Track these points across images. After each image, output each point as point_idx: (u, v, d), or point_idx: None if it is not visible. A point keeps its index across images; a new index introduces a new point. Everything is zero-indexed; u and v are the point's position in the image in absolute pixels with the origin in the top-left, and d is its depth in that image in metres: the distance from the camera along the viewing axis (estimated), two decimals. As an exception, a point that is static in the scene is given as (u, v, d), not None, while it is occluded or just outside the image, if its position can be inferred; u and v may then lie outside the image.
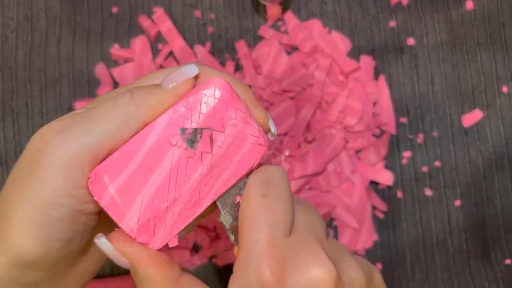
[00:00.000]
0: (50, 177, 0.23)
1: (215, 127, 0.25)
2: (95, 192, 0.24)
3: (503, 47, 0.48)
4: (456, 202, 0.47)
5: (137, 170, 0.24)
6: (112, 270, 0.46)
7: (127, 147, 0.24)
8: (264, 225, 0.23)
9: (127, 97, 0.24)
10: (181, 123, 0.25)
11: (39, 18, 0.48)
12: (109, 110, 0.24)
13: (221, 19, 0.49)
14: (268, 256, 0.22)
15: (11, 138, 0.47)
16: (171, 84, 0.25)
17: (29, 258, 0.24)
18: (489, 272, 0.46)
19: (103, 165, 0.24)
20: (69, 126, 0.24)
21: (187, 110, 0.25)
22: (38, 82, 0.48)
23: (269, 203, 0.23)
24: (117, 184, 0.24)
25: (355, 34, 0.49)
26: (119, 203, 0.24)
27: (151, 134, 0.24)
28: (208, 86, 0.25)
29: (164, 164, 0.24)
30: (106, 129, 0.24)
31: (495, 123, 0.48)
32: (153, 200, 0.25)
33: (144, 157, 0.24)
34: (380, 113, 0.47)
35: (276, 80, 0.46)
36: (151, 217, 0.25)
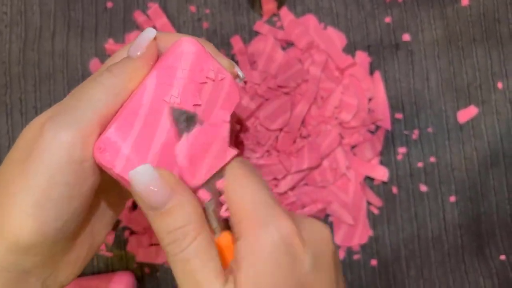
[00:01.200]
0: (47, 158, 0.24)
1: (198, 79, 0.28)
2: (106, 161, 0.25)
3: (498, 43, 0.48)
4: (451, 198, 0.47)
5: (141, 132, 0.26)
6: (107, 266, 0.46)
7: (125, 114, 0.26)
8: (265, 191, 0.26)
9: (106, 73, 0.27)
10: (169, 80, 0.27)
11: (33, 13, 0.48)
12: (93, 88, 0.26)
13: (216, 15, 0.49)
14: (283, 213, 0.25)
15: (4, 134, 0.47)
16: (137, 52, 0.27)
17: (27, 241, 0.24)
18: (484, 268, 0.46)
19: (108, 134, 0.25)
20: (59, 110, 0.26)
21: (171, 68, 0.27)
22: (32, 77, 0.47)
23: (254, 176, 0.27)
24: (127, 148, 0.26)
25: (351, 30, 0.49)
26: (133, 165, 0.25)
27: (144, 97, 0.26)
28: (182, 45, 0.28)
29: (163, 121, 0.26)
30: (92, 105, 0.25)
31: (490, 119, 0.48)
32: (162, 155, 0.26)
33: (144, 118, 0.26)
34: (376, 109, 0.47)
35: (272, 75, 0.46)
36: (164, 162, 0.26)
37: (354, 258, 0.47)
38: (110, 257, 0.46)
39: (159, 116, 0.26)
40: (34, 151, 0.25)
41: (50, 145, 0.24)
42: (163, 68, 0.27)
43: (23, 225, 0.24)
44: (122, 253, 0.46)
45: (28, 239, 0.24)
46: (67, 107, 0.26)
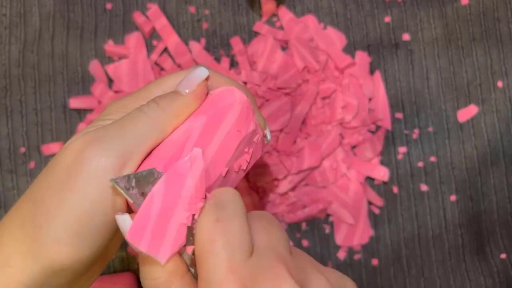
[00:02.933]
0: (88, 187, 0.24)
1: (238, 136, 0.28)
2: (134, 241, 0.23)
3: (498, 42, 0.48)
4: (451, 197, 0.47)
5: (163, 206, 0.24)
6: (109, 268, 0.46)
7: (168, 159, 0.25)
8: (221, 250, 0.22)
9: (154, 106, 0.26)
10: (212, 131, 0.27)
11: (32, 14, 0.48)
12: (138, 119, 0.25)
13: (215, 15, 0.49)
14: (228, 282, 0.21)
15: (5, 136, 0.47)
16: (187, 89, 0.27)
17: (61, 266, 0.24)
18: (485, 266, 0.46)
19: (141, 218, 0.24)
20: (102, 136, 0.25)
21: (216, 119, 0.27)
22: (32, 79, 0.47)
23: (223, 227, 0.22)
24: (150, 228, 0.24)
25: (350, 30, 0.49)
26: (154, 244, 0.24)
27: (189, 142, 0.26)
28: (233, 98, 0.28)
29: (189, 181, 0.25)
30: (138, 137, 0.25)
31: (490, 118, 0.48)
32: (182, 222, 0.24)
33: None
34: (376, 108, 0.47)
35: (272, 76, 0.46)
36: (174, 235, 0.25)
37: (355, 258, 0.47)
38: (111, 259, 0.46)
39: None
40: (74, 177, 0.24)
41: (92, 173, 0.24)
42: (212, 115, 0.27)
43: (61, 251, 0.24)
44: (123, 254, 0.46)
45: (64, 264, 0.24)
46: (112, 135, 0.25)
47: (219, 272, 0.21)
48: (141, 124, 0.25)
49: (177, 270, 0.24)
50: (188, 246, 0.24)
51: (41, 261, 0.24)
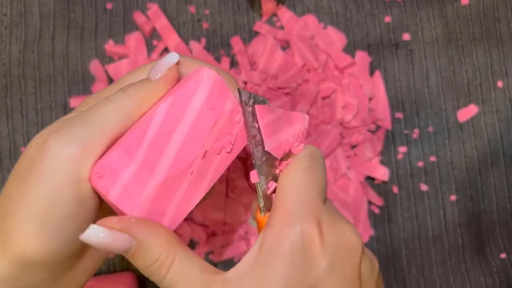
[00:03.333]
0: (51, 175, 0.24)
1: (212, 114, 0.27)
2: (102, 187, 0.24)
3: (498, 42, 0.48)
4: (451, 197, 0.47)
5: (143, 160, 0.25)
6: (109, 267, 0.46)
7: (129, 140, 0.25)
8: (311, 190, 0.26)
9: (120, 93, 0.26)
10: (180, 111, 0.26)
11: (33, 14, 0.48)
12: (105, 107, 0.25)
13: (216, 15, 0.49)
14: (314, 215, 0.26)
15: (5, 136, 0.47)
16: (157, 75, 0.27)
17: (31, 258, 0.24)
18: (485, 266, 0.46)
19: (108, 159, 0.24)
20: (66, 125, 0.25)
21: (184, 99, 0.26)
22: (32, 79, 0.47)
23: (314, 173, 0.27)
24: (124, 178, 0.25)
25: (351, 30, 0.49)
26: (128, 197, 0.25)
27: (152, 124, 0.25)
28: (200, 75, 0.27)
29: (169, 151, 0.26)
30: (102, 124, 0.25)
31: (490, 118, 0.48)
32: (162, 187, 0.26)
33: (148, 147, 0.25)
34: (376, 108, 0.47)
35: (272, 75, 0.46)
36: (158, 208, 0.26)
37: (355, 257, 0.47)
38: (111, 258, 0.46)
39: (164, 146, 0.26)
40: (37, 166, 0.24)
41: (53, 162, 0.24)
42: (178, 95, 0.26)
43: (27, 242, 0.24)
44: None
45: (32, 256, 0.24)
46: (75, 123, 0.25)
47: (305, 207, 0.26)
48: (105, 111, 0.25)
49: (174, 238, 0.25)
50: (270, 182, 0.28)
51: (9, 254, 0.24)
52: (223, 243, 0.46)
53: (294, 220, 0.25)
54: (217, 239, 0.46)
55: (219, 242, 0.46)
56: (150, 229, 0.25)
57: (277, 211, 0.26)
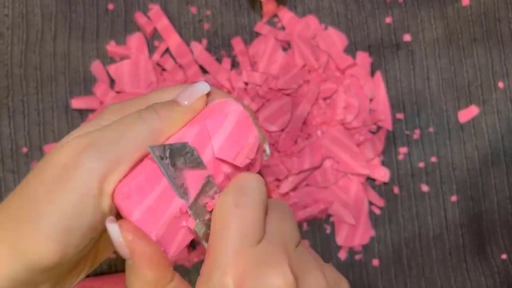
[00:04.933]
0: (79, 188, 0.24)
1: (232, 146, 0.27)
2: (126, 207, 0.25)
3: (499, 42, 0.48)
4: (452, 197, 0.47)
5: (166, 187, 0.25)
6: (110, 267, 0.46)
7: (151, 163, 0.25)
8: (233, 234, 0.24)
9: (152, 113, 0.26)
10: (205, 140, 0.27)
11: (34, 15, 0.48)
12: (136, 124, 0.26)
13: (217, 16, 0.49)
14: (233, 265, 0.23)
15: (7, 136, 0.47)
16: (187, 101, 0.27)
17: (46, 263, 0.24)
18: (485, 267, 0.46)
19: (136, 182, 0.25)
20: (97, 139, 0.25)
21: (211, 129, 0.27)
22: (34, 79, 0.47)
23: (240, 213, 0.24)
24: (149, 201, 0.25)
25: (351, 30, 0.49)
26: (149, 219, 0.25)
27: None
28: (229, 109, 0.28)
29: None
30: (133, 142, 0.25)
31: (491, 119, 0.48)
32: (175, 217, 0.26)
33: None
34: (377, 109, 0.47)
35: (273, 76, 0.46)
36: (172, 231, 0.26)
37: (356, 258, 0.47)
38: (113, 259, 0.46)
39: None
40: (67, 177, 0.24)
41: (85, 175, 0.24)
42: (205, 124, 0.27)
43: (46, 248, 0.24)
44: (125, 254, 0.46)
45: (48, 261, 0.24)
46: (108, 138, 0.25)
47: (225, 255, 0.23)
48: (137, 130, 0.26)
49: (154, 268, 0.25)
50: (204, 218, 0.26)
51: (26, 256, 0.24)
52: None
53: (214, 269, 0.24)
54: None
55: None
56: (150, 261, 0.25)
57: (206, 257, 0.25)
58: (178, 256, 0.28)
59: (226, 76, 0.47)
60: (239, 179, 0.26)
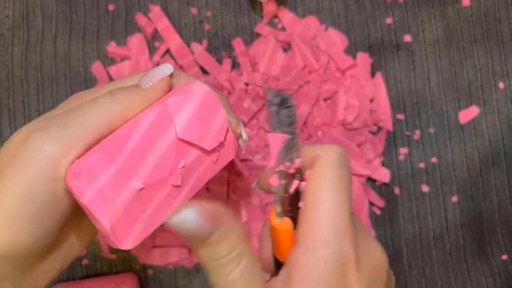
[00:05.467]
0: (28, 172, 0.24)
1: (200, 127, 0.26)
2: (77, 187, 0.24)
3: (499, 43, 0.48)
4: (453, 198, 0.47)
5: (122, 167, 0.25)
6: (111, 268, 0.46)
7: (111, 144, 0.25)
8: (343, 206, 0.25)
9: (108, 97, 0.26)
10: (167, 121, 0.26)
11: (35, 16, 0.48)
12: (90, 108, 0.25)
13: (217, 16, 0.49)
14: (350, 235, 0.24)
15: (7, 137, 0.47)
16: (148, 83, 0.26)
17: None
18: (486, 267, 0.47)
19: (87, 161, 0.24)
20: (47, 123, 0.25)
21: (172, 108, 0.26)
22: (35, 80, 0.47)
23: (344, 185, 0.25)
24: (101, 181, 0.24)
25: (352, 31, 0.49)
26: (102, 201, 0.24)
27: (136, 130, 0.25)
28: (192, 89, 0.26)
29: (147, 163, 0.25)
30: (85, 126, 0.25)
31: (491, 119, 0.48)
32: (138, 195, 0.25)
33: (129, 153, 0.25)
34: (377, 109, 0.47)
35: (273, 77, 0.46)
36: (130, 216, 0.25)
37: (357, 258, 0.47)
38: (113, 259, 0.46)
39: (144, 156, 0.25)
40: (15, 162, 0.24)
41: (32, 159, 0.24)
42: (166, 104, 0.26)
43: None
44: (126, 255, 0.46)
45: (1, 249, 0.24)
46: (58, 122, 0.25)
47: (339, 226, 0.24)
48: (90, 113, 0.25)
49: (246, 236, 0.25)
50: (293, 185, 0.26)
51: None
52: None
53: (329, 241, 0.24)
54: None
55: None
56: (233, 222, 0.25)
57: (309, 229, 0.24)
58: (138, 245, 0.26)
59: (227, 77, 0.47)
60: (335, 152, 0.26)
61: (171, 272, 0.46)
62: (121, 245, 0.25)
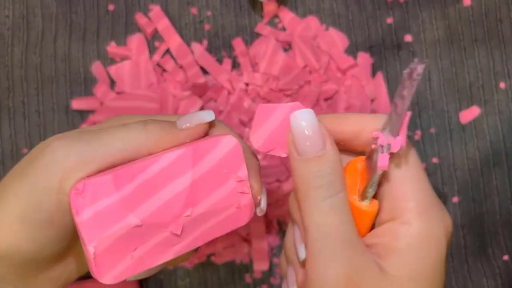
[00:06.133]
0: (38, 178, 0.24)
1: (214, 180, 0.26)
2: (75, 204, 0.23)
3: (500, 43, 0.48)
4: (453, 198, 0.47)
5: (126, 198, 0.24)
6: (110, 269, 0.46)
7: (124, 171, 0.24)
8: (426, 178, 0.27)
9: (140, 125, 0.25)
10: (186, 166, 0.25)
11: (35, 16, 0.48)
12: (118, 132, 0.25)
13: (217, 16, 0.49)
14: (445, 214, 0.27)
15: (7, 137, 0.47)
16: (185, 125, 0.26)
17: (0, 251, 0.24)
18: (487, 268, 0.46)
19: (94, 181, 0.24)
20: (74, 137, 0.25)
21: (194, 155, 0.25)
22: (35, 80, 0.47)
23: (419, 162, 0.27)
24: (101, 205, 0.24)
25: (352, 31, 0.49)
26: (95, 226, 0.23)
27: (152, 167, 0.24)
28: (220, 139, 0.26)
29: (152, 201, 0.24)
30: (106, 147, 0.24)
31: (492, 119, 0.48)
32: (133, 231, 0.24)
33: (138, 186, 0.24)
34: (378, 109, 0.47)
35: (273, 77, 0.46)
36: (119, 250, 0.24)
37: (357, 259, 0.47)
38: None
39: (156, 191, 0.24)
40: (32, 166, 0.24)
41: (45, 167, 0.24)
42: (192, 148, 0.25)
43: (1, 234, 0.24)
44: (126, 256, 0.46)
45: (2, 250, 0.24)
46: (83, 137, 0.24)
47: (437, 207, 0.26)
48: (116, 137, 0.25)
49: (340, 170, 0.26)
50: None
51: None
52: (225, 245, 0.46)
53: (433, 214, 0.25)
54: (219, 241, 0.46)
55: (221, 244, 0.46)
56: (337, 151, 0.26)
57: (406, 205, 0.25)
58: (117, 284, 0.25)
59: (227, 77, 0.47)
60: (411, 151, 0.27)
61: (171, 272, 0.46)
62: (101, 278, 0.24)
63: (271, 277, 0.46)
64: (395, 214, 0.26)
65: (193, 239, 0.26)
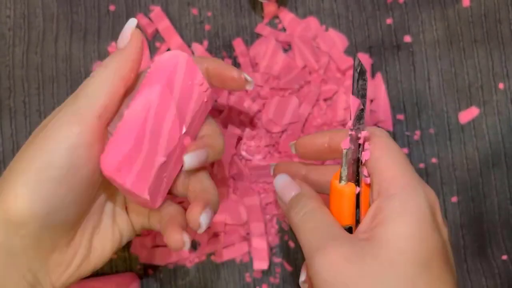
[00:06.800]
0: (46, 143, 0.27)
1: (186, 94, 0.32)
2: (120, 179, 0.28)
3: (499, 43, 0.48)
4: (453, 198, 0.47)
5: (148, 150, 0.30)
6: (111, 268, 0.46)
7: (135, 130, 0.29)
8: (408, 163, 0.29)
9: (99, 68, 0.30)
10: (168, 97, 0.30)
11: (36, 16, 0.48)
12: (89, 84, 0.30)
13: (218, 17, 0.49)
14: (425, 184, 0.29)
15: (8, 137, 0.47)
16: (124, 43, 0.30)
17: (17, 218, 0.26)
18: (486, 268, 0.46)
19: (124, 154, 0.28)
20: (65, 104, 0.30)
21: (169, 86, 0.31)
22: (35, 80, 0.48)
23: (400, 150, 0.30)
24: (137, 167, 0.29)
25: (352, 32, 0.49)
26: (140, 181, 0.29)
27: (149, 116, 0.30)
28: (176, 60, 0.31)
29: (163, 138, 0.30)
30: (90, 97, 0.29)
31: (491, 120, 0.48)
32: (160, 168, 0.30)
33: (150, 135, 0.30)
34: (377, 110, 0.48)
35: (274, 77, 0.46)
36: (158, 182, 0.31)
37: (357, 258, 0.47)
38: (113, 259, 0.46)
39: (160, 129, 0.30)
40: (39, 134, 0.28)
41: (51, 130, 0.27)
42: (164, 83, 0.30)
43: (15, 202, 0.26)
44: (126, 255, 0.46)
45: (19, 215, 0.26)
46: (68, 102, 0.30)
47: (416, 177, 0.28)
48: (91, 87, 0.29)
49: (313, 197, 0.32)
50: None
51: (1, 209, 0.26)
52: (225, 245, 0.46)
53: (415, 187, 0.27)
54: (219, 240, 0.46)
55: (221, 243, 0.46)
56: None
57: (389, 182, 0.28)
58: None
59: (227, 77, 0.47)
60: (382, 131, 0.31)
61: (171, 272, 0.46)
62: (156, 206, 0.31)
63: (270, 276, 0.46)
64: (381, 193, 0.28)
65: (193, 131, 0.33)
